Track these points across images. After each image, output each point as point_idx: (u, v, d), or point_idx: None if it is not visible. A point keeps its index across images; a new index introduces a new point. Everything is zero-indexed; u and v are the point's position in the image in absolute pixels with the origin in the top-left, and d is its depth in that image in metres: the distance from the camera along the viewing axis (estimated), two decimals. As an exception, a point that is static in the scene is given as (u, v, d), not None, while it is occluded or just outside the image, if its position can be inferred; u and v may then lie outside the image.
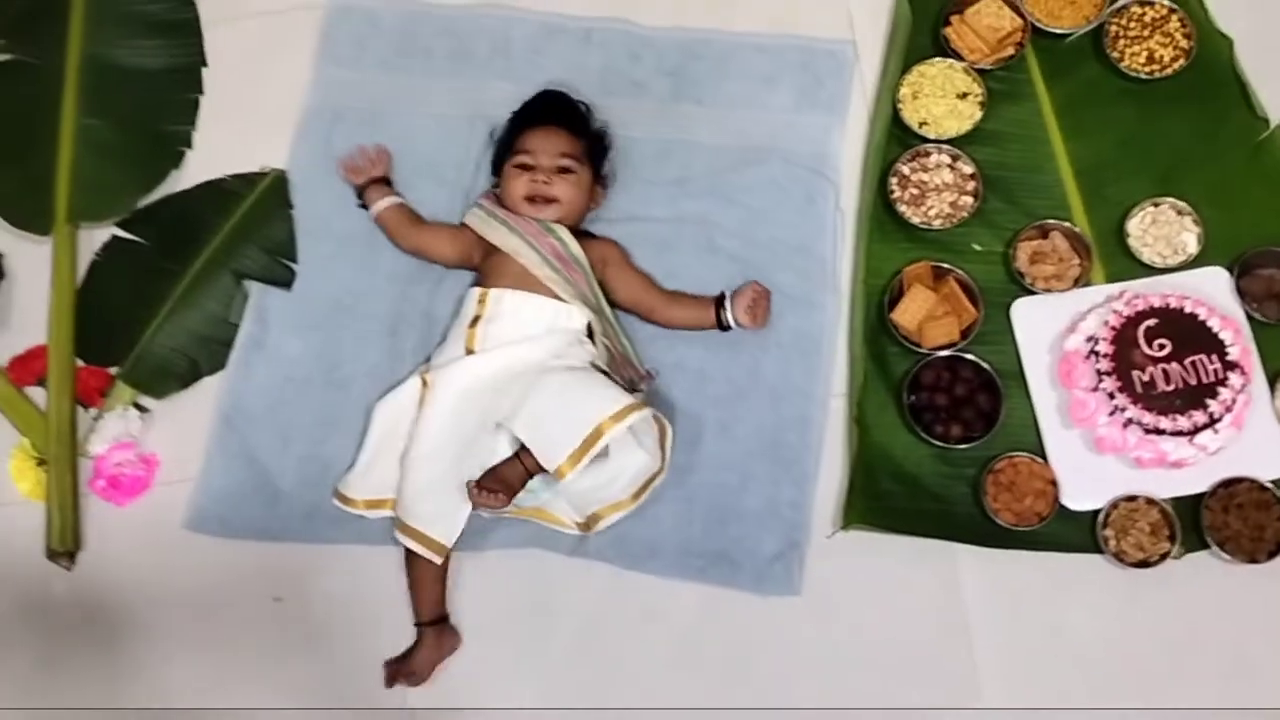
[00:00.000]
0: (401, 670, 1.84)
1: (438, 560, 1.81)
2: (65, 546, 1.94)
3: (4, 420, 2.01)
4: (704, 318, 1.95)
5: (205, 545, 1.95)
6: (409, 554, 1.84)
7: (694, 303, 1.96)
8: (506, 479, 1.78)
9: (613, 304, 1.96)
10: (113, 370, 2.03)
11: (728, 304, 1.94)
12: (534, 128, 1.99)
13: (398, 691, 1.85)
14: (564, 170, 1.95)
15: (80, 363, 2.02)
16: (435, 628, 1.85)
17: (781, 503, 1.90)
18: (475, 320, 1.88)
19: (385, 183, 2.03)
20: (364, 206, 2.03)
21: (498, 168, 2.03)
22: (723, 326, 1.94)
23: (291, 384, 2.00)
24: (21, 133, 2.11)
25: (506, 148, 2.01)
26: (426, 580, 1.84)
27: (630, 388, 1.89)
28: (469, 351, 1.86)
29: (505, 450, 1.84)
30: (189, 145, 2.13)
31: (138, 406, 2.01)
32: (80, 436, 1.99)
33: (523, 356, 1.86)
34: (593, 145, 2.02)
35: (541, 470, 1.79)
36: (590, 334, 1.90)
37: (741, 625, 1.88)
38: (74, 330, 2.03)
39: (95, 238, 2.09)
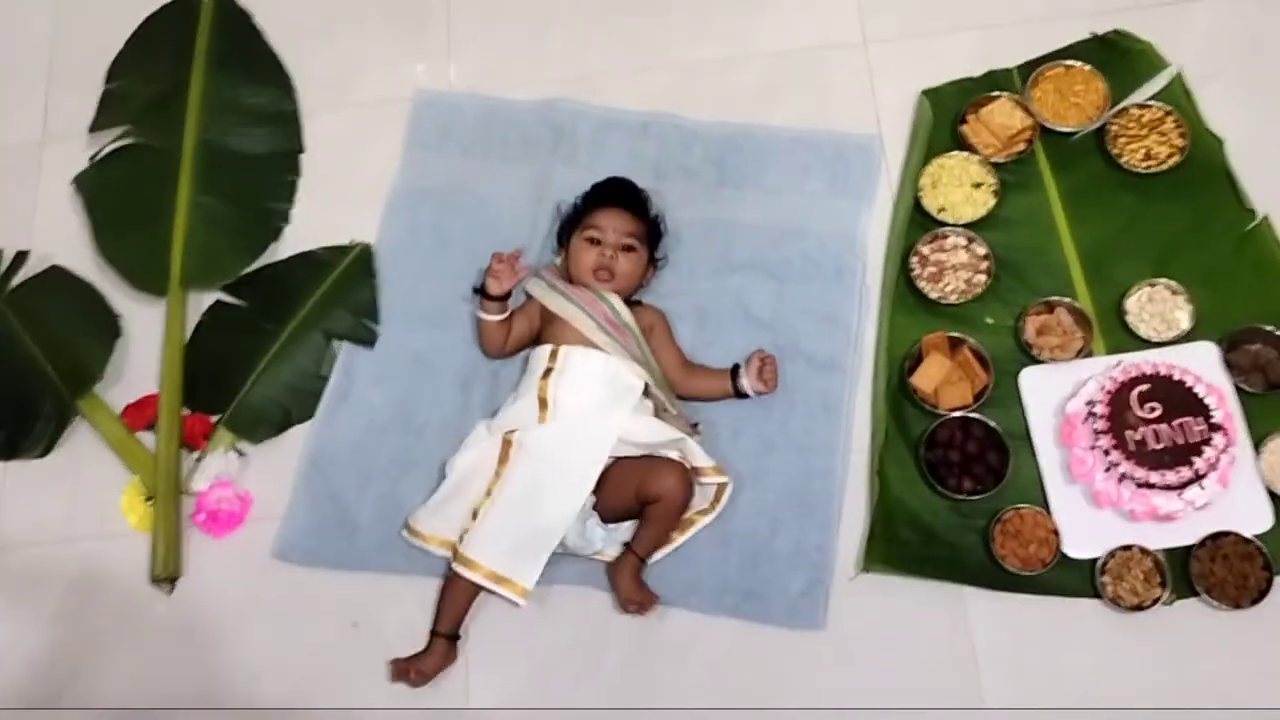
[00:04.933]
0: (411, 669, 2.00)
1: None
2: (167, 573, 2.11)
3: (117, 461, 2.20)
4: (724, 387, 2.12)
5: (291, 575, 2.12)
6: (450, 576, 2.01)
7: (713, 375, 2.14)
8: (634, 573, 2.01)
9: (651, 368, 2.13)
10: (214, 417, 2.22)
11: (741, 373, 2.12)
12: (604, 208, 2.19)
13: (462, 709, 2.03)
14: (627, 248, 2.15)
15: (186, 410, 2.21)
16: (450, 641, 2.02)
17: (808, 546, 2.05)
18: (547, 372, 2.07)
19: (505, 298, 2.14)
20: (479, 293, 2.14)
21: (564, 239, 2.23)
22: (740, 394, 2.12)
23: (372, 431, 2.19)
24: (143, 207, 2.34)
25: (575, 223, 2.21)
26: (460, 601, 2.02)
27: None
28: (541, 400, 2.04)
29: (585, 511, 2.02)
30: (287, 220, 2.36)
31: (236, 450, 2.20)
32: (184, 476, 2.17)
33: (598, 434, 2.03)
34: (651, 229, 2.22)
35: (649, 557, 2.01)
36: (645, 390, 2.08)
37: (772, 657, 2.02)
38: (182, 381, 2.22)
39: (202, 301, 2.30)
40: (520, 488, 2.02)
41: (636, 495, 2.01)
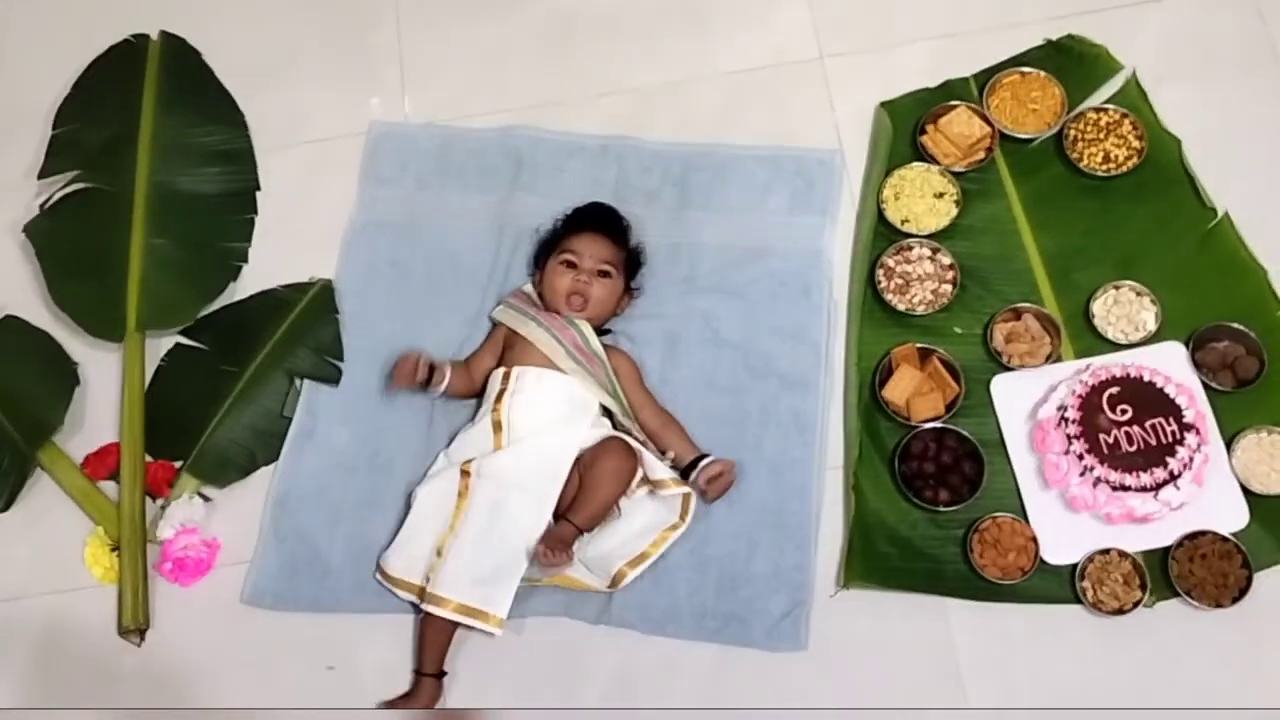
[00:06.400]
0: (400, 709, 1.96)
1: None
2: (135, 624, 2.05)
3: (79, 512, 2.15)
4: (683, 455, 2.05)
5: (263, 620, 2.08)
6: (426, 615, 1.97)
7: (682, 442, 2.07)
8: (563, 538, 1.94)
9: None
10: (178, 463, 2.17)
11: (698, 470, 2.04)
12: (582, 232, 2.17)
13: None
14: (603, 274, 2.14)
15: (149, 457, 2.16)
16: (436, 679, 1.98)
17: (786, 566, 2.03)
18: (500, 395, 2.05)
19: (431, 368, 2.10)
20: (426, 387, 2.10)
21: (540, 261, 2.21)
22: (687, 477, 2.05)
23: (338, 469, 2.15)
24: (97, 253, 2.29)
25: (552, 246, 2.19)
26: (439, 639, 1.98)
27: None
28: (495, 424, 2.03)
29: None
30: (245, 260, 2.32)
31: (201, 495, 2.16)
32: (149, 524, 2.12)
33: (556, 448, 2.01)
34: (629, 258, 2.20)
35: (588, 529, 1.97)
36: (608, 414, 2.06)
37: (755, 679, 1.99)
38: (143, 428, 2.16)
39: (161, 345, 2.26)
40: (482, 517, 1.99)
41: (580, 475, 1.99)
